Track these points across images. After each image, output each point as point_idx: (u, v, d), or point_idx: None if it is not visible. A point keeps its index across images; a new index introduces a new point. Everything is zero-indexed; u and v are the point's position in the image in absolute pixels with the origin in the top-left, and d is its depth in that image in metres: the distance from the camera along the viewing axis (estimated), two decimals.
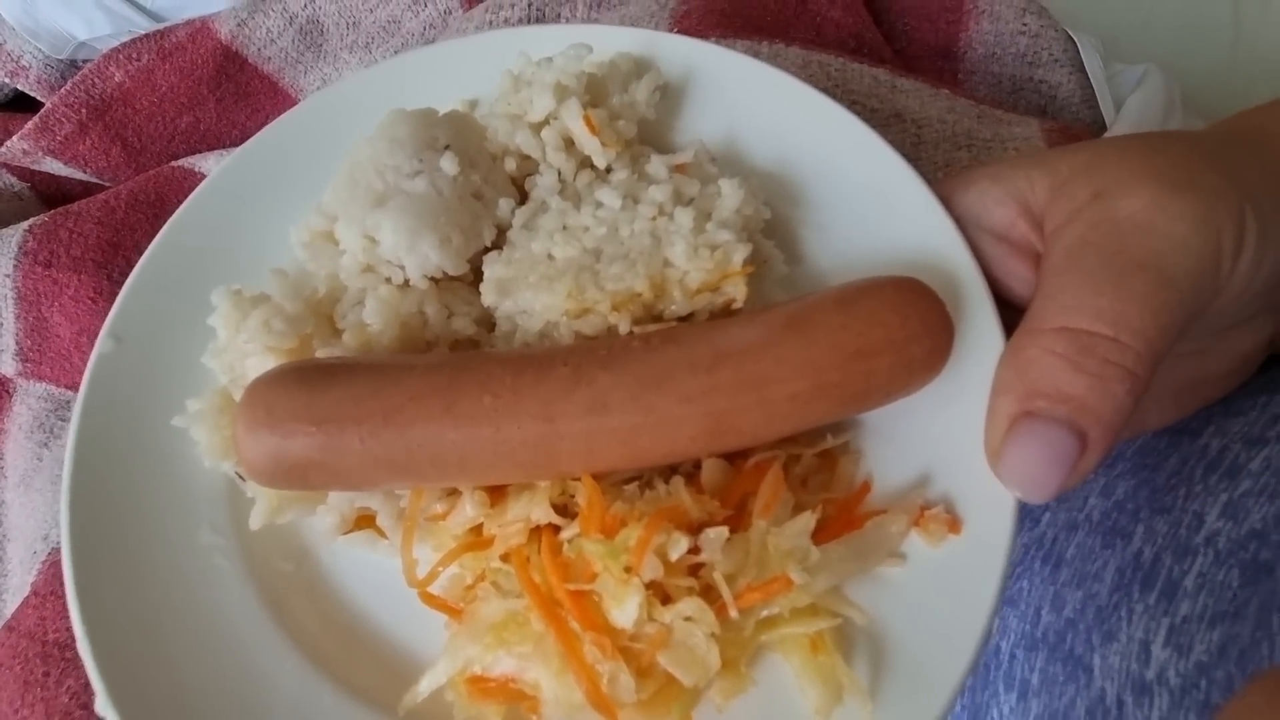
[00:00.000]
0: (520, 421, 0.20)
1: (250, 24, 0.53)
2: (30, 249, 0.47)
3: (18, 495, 0.45)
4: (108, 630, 0.21)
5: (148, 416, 0.25)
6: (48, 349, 0.48)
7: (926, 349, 0.22)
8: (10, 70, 0.56)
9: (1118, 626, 0.19)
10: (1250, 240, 0.20)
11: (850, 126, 0.26)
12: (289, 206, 0.28)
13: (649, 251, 0.24)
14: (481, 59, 0.30)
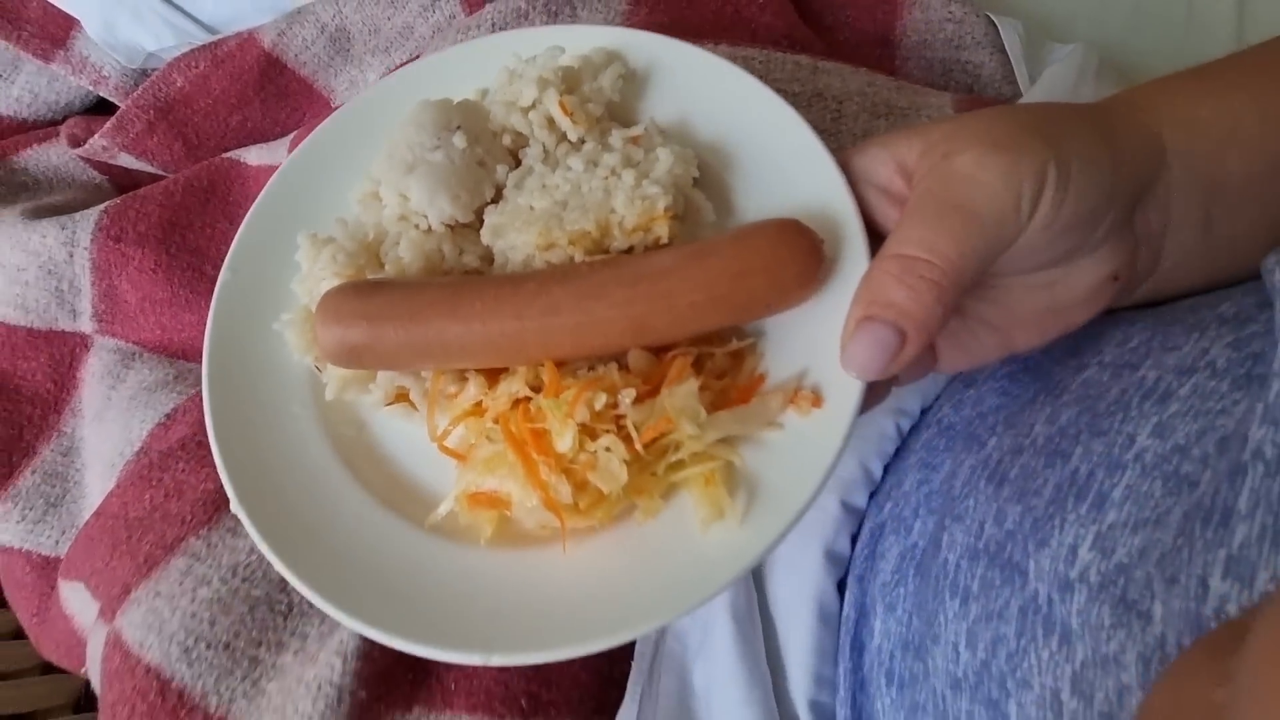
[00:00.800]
0: (500, 320, 0.27)
1: (288, 34, 0.60)
2: (105, 226, 0.55)
3: (93, 430, 0.54)
4: (234, 462, 0.30)
5: (255, 325, 0.33)
6: (117, 311, 0.56)
7: (795, 271, 0.28)
8: (93, 79, 0.65)
9: (1050, 534, 0.21)
10: (1049, 191, 0.23)
11: (776, 106, 0.32)
12: (348, 174, 0.36)
13: (600, 203, 0.31)
14: (488, 58, 0.36)
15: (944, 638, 0.23)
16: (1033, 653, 0.20)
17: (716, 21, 0.46)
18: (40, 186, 0.67)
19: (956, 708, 0.22)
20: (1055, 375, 0.26)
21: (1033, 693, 0.19)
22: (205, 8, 0.64)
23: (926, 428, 0.31)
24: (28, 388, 0.58)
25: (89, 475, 0.54)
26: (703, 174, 0.33)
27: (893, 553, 0.28)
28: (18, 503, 0.54)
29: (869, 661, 0.27)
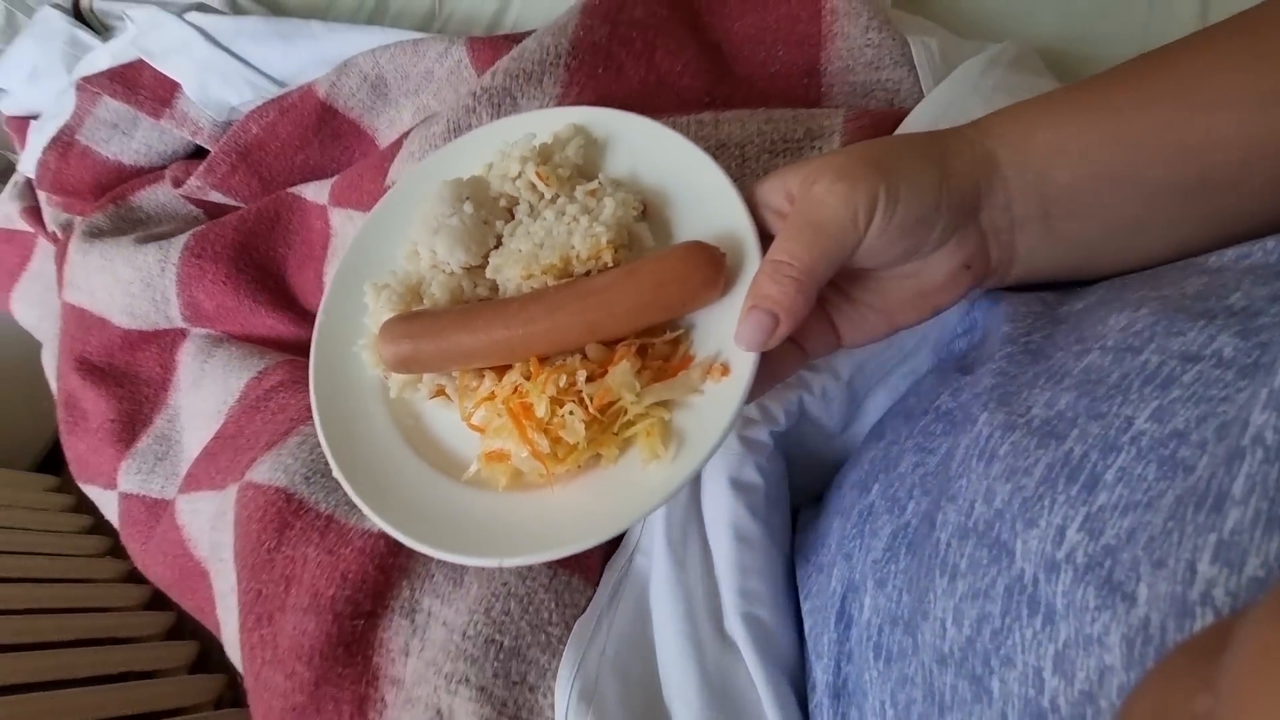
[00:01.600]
0: (497, 331, 0.35)
1: (338, 84, 0.71)
2: (190, 246, 0.68)
3: (189, 397, 0.67)
4: (333, 443, 0.39)
5: (342, 349, 0.43)
6: (199, 315, 0.69)
7: (700, 278, 0.34)
8: (192, 131, 0.79)
9: (1039, 514, 0.21)
10: (879, 208, 0.28)
11: (699, 156, 0.38)
12: (397, 239, 0.45)
13: (564, 241, 0.38)
14: (488, 142, 0.45)
15: (933, 614, 0.23)
16: (1017, 631, 0.20)
17: (642, 91, 0.52)
18: (151, 220, 0.81)
19: (942, 681, 0.22)
20: (1058, 359, 0.26)
21: (1015, 670, 0.19)
22: (275, 66, 0.76)
23: (924, 414, 0.32)
24: (144, 374, 0.73)
25: (186, 434, 0.67)
26: (648, 211, 0.40)
27: (885, 531, 0.29)
28: (136, 459, 0.68)
29: (856, 635, 0.28)
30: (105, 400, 0.71)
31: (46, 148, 0.82)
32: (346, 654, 0.41)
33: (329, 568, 0.42)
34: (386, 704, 0.40)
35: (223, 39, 0.75)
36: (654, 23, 0.54)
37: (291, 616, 0.42)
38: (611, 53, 0.53)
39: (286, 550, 0.45)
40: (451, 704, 0.36)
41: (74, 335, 0.76)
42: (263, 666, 0.43)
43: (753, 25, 0.54)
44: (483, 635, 0.37)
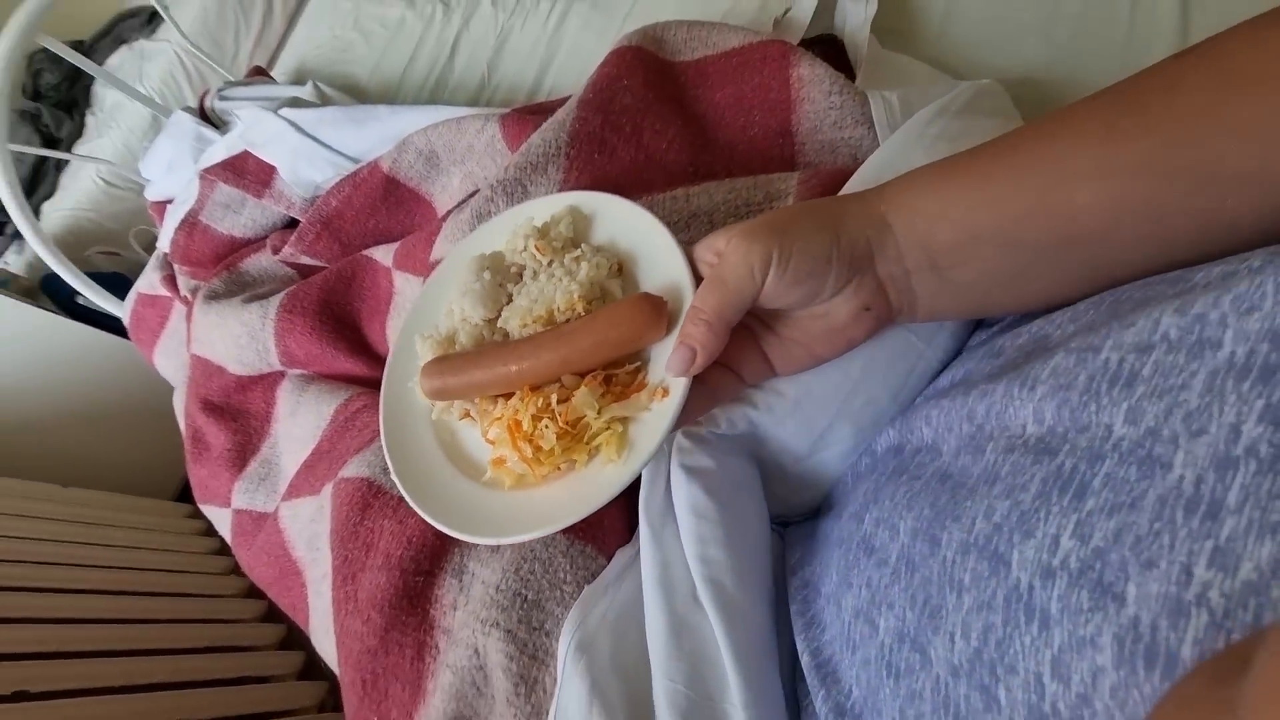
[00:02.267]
0: (499, 366, 0.44)
1: (399, 158, 0.82)
2: (283, 304, 0.80)
3: (286, 426, 0.79)
4: (394, 455, 0.48)
5: (401, 384, 0.52)
6: (292, 361, 0.82)
7: (644, 322, 0.41)
8: (286, 206, 0.94)
9: (1036, 526, 0.22)
10: (772, 266, 0.34)
11: (659, 227, 0.46)
12: (440, 303, 0.54)
13: (550, 298, 0.46)
14: (507, 223, 0.54)
15: (944, 628, 0.24)
16: (1017, 639, 0.21)
17: (632, 170, 0.60)
18: (256, 282, 0.96)
19: (957, 693, 0.23)
20: (1025, 369, 0.27)
21: (1019, 678, 0.20)
22: (349, 146, 0.89)
23: (918, 451, 0.35)
24: (252, 410, 0.86)
25: (284, 457, 0.80)
26: (623, 269, 0.48)
27: (891, 555, 0.30)
28: (246, 481, 0.82)
29: (869, 656, 0.29)
30: (224, 433, 0.86)
31: (177, 228, 0.99)
32: (410, 605, 0.50)
33: (399, 535, 0.52)
34: (439, 649, 0.48)
35: (308, 128, 0.90)
36: (641, 106, 0.61)
37: (369, 575, 0.52)
38: (604, 139, 0.61)
39: (368, 523, 0.55)
40: (485, 644, 0.44)
41: (199, 381, 0.92)
42: (346, 617, 0.53)
43: (731, 94, 0.60)
44: (511, 589, 0.45)
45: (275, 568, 0.70)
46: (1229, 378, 0.19)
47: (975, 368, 0.36)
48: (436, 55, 1.12)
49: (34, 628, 1.05)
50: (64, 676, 1.00)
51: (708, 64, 0.63)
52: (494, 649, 0.44)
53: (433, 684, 0.48)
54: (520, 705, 0.42)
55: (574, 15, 0.97)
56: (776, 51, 0.59)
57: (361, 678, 0.50)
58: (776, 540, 0.44)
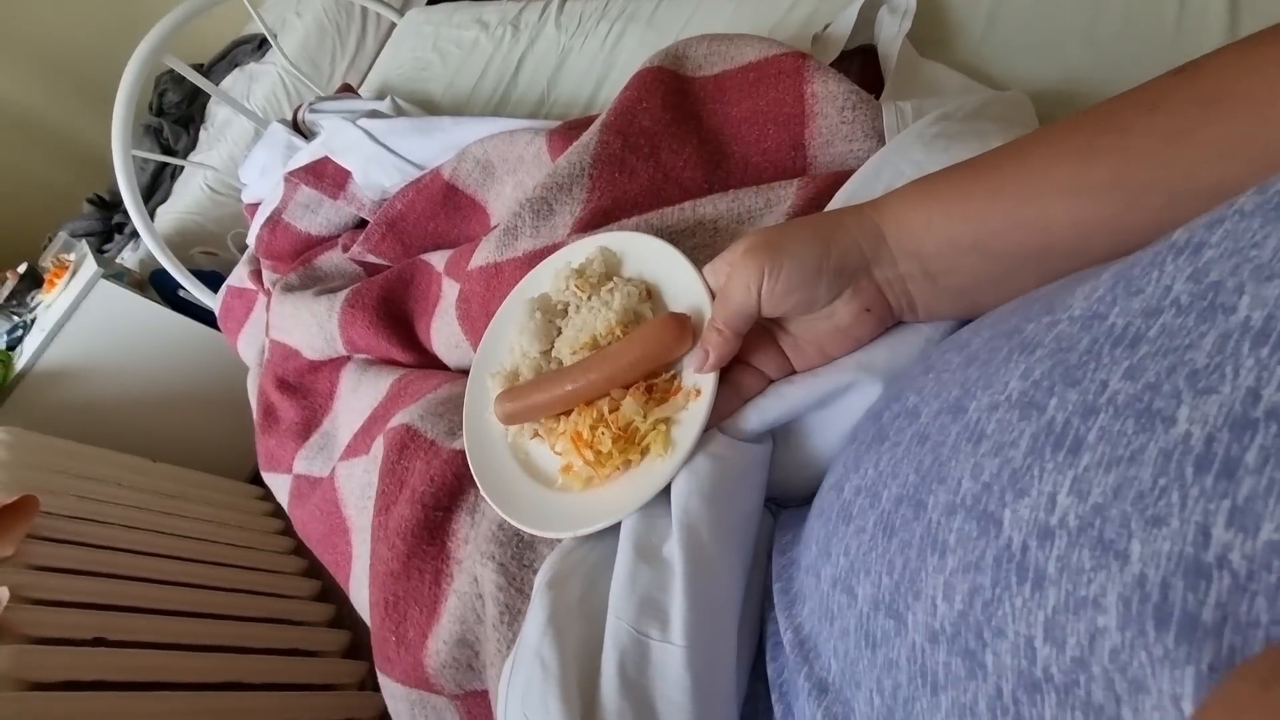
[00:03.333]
0: (555, 390, 0.49)
1: (458, 167, 0.88)
2: (348, 298, 0.88)
3: (347, 401, 0.86)
4: (478, 467, 0.54)
5: (480, 412, 0.58)
6: (354, 346, 0.89)
7: (671, 338, 0.45)
8: (358, 208, 1.02)
9: (1029, 484, 0.21)
10: (765, 280, 0.37)
11: (680, 258, 0.51)
12: (504, 340, 0.60)
13: (592, 326, 0.52)
14: (554, 265, 0.59)
15: (924, 593, 0.23)
16: (1007, 601, 0.20)
17: (651, 188, 0.63)
18: (328, 277, 1.05)
19: (934, 660, 0.22)
20: (1029, 332, 0.27)
21: (1007, 641, 0.19)
22: (416, 154, 0.97)
23: (896, 416, 0.34)
24: (319, 389, 0.94)
25: (341, 430, 0.87)
26: (652, 294, 0.53)
27: (868, 523, 0.29)
28: (307, 450, 0.89)
29: (848, 626, 0.28)
30: (294, 409, 0.94)
31: (262, 225, 1.09)
32: (429, 536, 0.55)
33: (425, 474, 0.58)
34: (453, 577, 0.53)
35: (381, 136, 0.98)
36: (658, 128, 0.65)
37: (399, 508, 0.58)
38: (624, 160, 0.65)
39: (404, 463, 0.61)
40: (482, 573, 0.49)
41: (277, 363, 1.00)
42: (377, 543, 0.59)
43: (748, 109, 0.63)
44: (512, 529, 0.50)
45: (325, 524, 0.76)
46: (1244, 341, 0.18)
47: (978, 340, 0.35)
48: (503, 73, 1.20)
49: (116, 583, 1.16)
50: (137, 629, 1.10)
51: (725, 79, 0.66)
52: (488, 578, 0.48)
53: (444, 607, 0.52)
54: (503, 631, 0.46)
55: (629, 35, 1.02)
56: (791, 66, 0.61)
57: (385, 598, 0.55)
58: (769, 522, 0.45)
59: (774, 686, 0.34)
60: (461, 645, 0.50)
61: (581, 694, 0.36)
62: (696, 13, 0.96)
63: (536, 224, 0.68)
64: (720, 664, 0.35)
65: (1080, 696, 0.17)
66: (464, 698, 0.52)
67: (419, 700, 0.53)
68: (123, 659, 1.02)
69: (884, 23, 0.66)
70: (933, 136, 0.46)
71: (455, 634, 0.50)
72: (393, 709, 0.55)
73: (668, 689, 0.34)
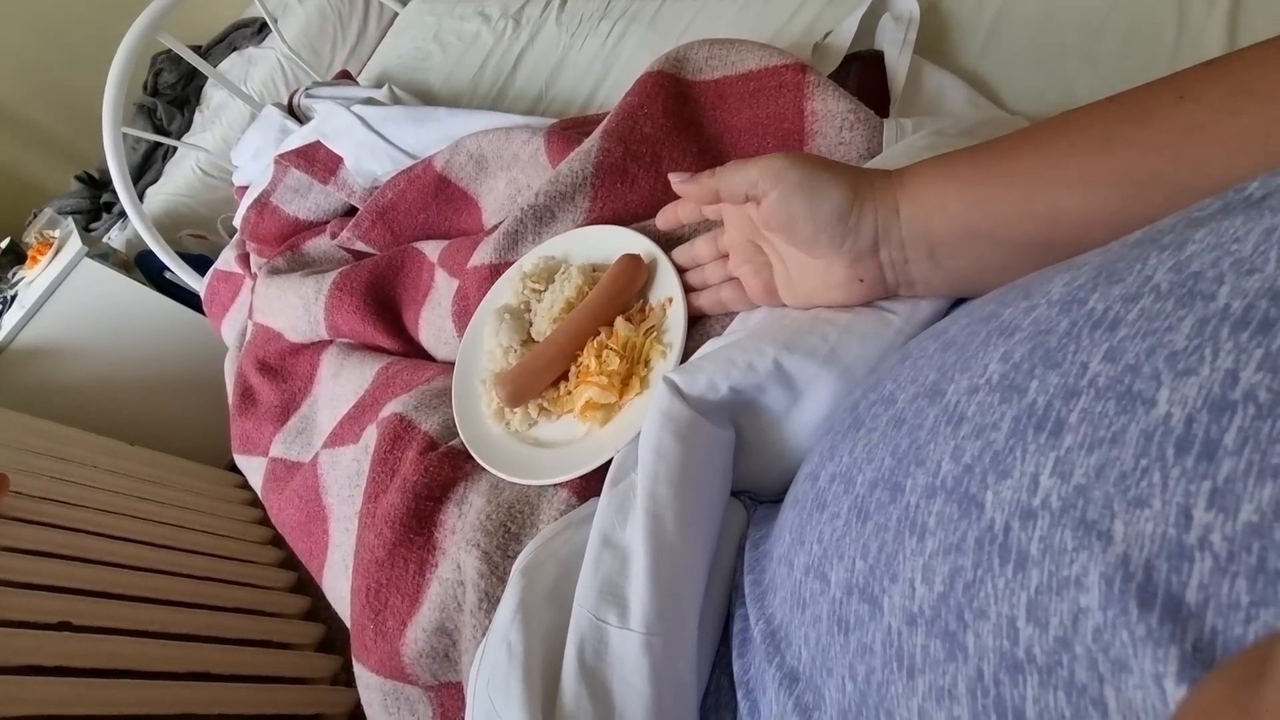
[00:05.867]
0: (549, 350, 0.55)
1: (451, 159, 0.87)
2: (336, 281, 0.86)
3: (328, 387, 0.85)
4: (494, 465, 0.55)
5: (475, 428, 0.59)
6: (338, 330, 0.87)
7: (635, 269, 0.54)
8: (348, 194, 1.01)
9: (1011, 466, 0.21)
10: (789, 190, 0.38)
11: (607, 230, 0.60)
12: (477, 357, 0.64)
13: (564, 294, 0.57)
14: (505, 281, 0.66)
15: (902, 575, 0.23)
16: (989, 582, 0.20)
17: (651, 197, 0.64)
18: (315, 262, 1.03)
19: (912, 643, 0.22)
20: (1005, 317, 0.26)
21: (989, 622, 0.19)
22: (409, 143, 0.96)
23: (873, 403, 0.33)
24: (299, 372, 0.93)
25: (321, 414, 0.86)
26: (598, 270, 0.59)
27: (843, 508, 0.29)
28: (285, 434, 0.88)
29: (819, 613, 0.28)
30: (273, 391, 0.93)
31: (250, 206, 1.08)
32: (417, 524, 0.55)
33: (419, 464, 0.58)
34: (436, 566, 0.53)
35: (374, 124, 0.97)
36: (660, 135, 0.64)
37: (388, 496, 0.58)
38: (626, 169, 0.65)
39: (396, 452, 0.62)
40: (465, 560, 0.49)
41: (258, 345, 0.99)
42: (364, 530, 0.59)
43: (748, 120, 0.63)
44: (498, 520, 0.50)
45: (303, 512, 0.75)
46: (1223, 326, 0.18)
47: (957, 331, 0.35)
48: (502, 67, 1.19)
49: (85, 567, 1.13)
50: (105, 615, 1.07)
51: (726, 85, 0.66)
52: (470, 565, 0.48)
53: (425, 596, 0.52)
54: (480, 618, 0.46)
55: (631, 36, 1.02)
56: (792, 80, 0.60)
57: (367, 585, 0.54)
58: (742, 517, 0.44)
59: (740, 684, 0.34)
60: (440, 634, 0.49)
61: (545, 680, 0.36)
62: (699, 16, 0.95)
63: (539, 230, 0.68)
64: (680, 652, 0.35)
65: (1063, 676, 0.17)
66: (438, 689, 0.52)
67: (393, 691, 0.52)
68: (88, 645, 1.00)
69: (886, 30, 0.66)
70: (921, 149, 0.46)
71: (435, 622, 0.50)
72: (366, 700, 0.54)
73: (626, 673, 0.34)
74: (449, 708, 0.52)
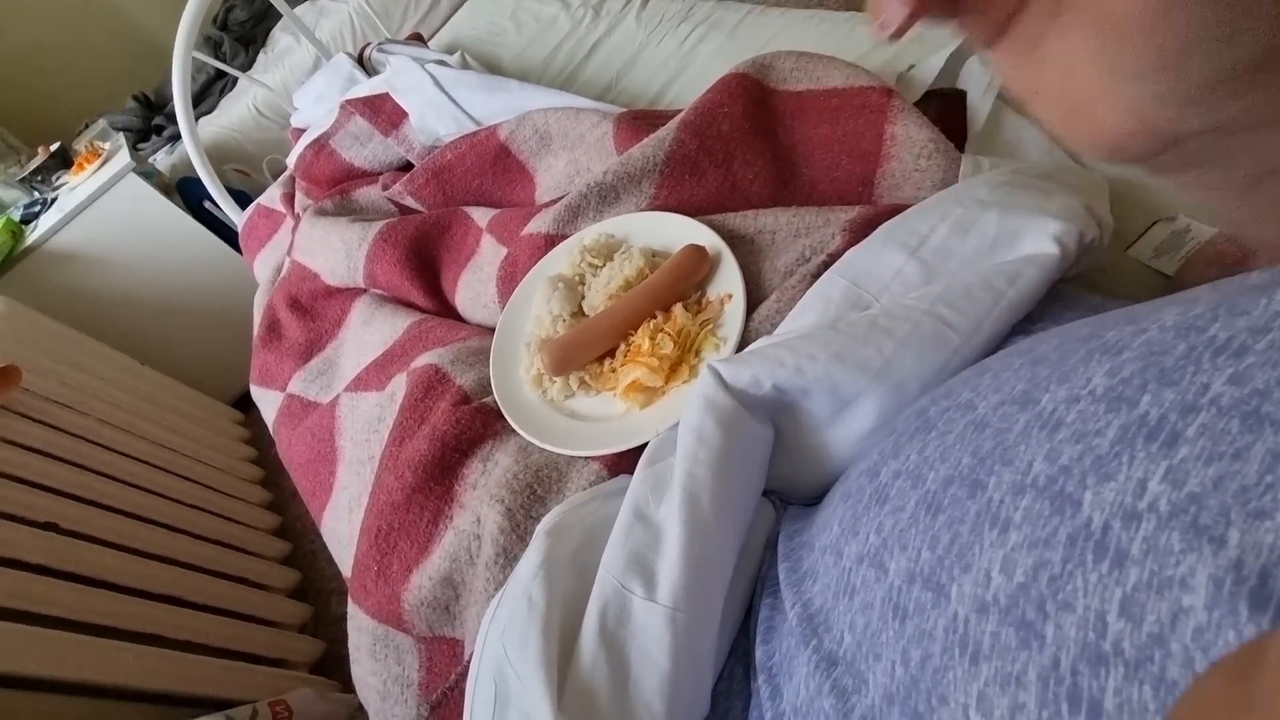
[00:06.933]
0: (602, 324, 0.56)
1: (516, 130, 0.88)
2: (381, 231, 0.87)
3: (356, 334, 0.86)
4: (527, 430, 0.56)
5: (512, 396, 0.59)
6: (374, 280, 0.88)
7: (700, 259, 0.54)
8: (407, 149, 1.02)
9: (1116, 469, 0.21)
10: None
11: (672, 217, 0.62)
12: (521, 324, 0.65)
13: (624, 272, 0.57)
14: (562, 250, 0.67)
15: (977, 565, 0.23)
16: (1079, 576, 0.20)
17: (718, 195, 0.64)
18: (362, 211, 1.04)
19: (979, 630, 0.22)
20: (1109, 338, 0.26)
21: (1075, 614, 0.19)
22: (477, 108, 0.97)
23: (947, 409, 0.32)
24: (330, 315, 0.93)
25: (344, 359, 0.86)
26: (657, 255, 0.60)
27: (909, 502, 0.29)
28: (306, 372, 0.88)
29: (871, 599, 0.28)
30: (301, 329, 0.93)
31: (308, 146, 1.09)
32: (439, 473, 0.55)
33: (451, 415, 0.58)
34: (452, 519, 0.53)
35: (445, 84, 0.98)
36: (736, 135, 0.65)
37: (414, 442, 0.58)
38: (697, 162, 0.65)
39: (427, 401, 0.63)
40: (487, 513, 0.49)
41: (293, 282, 0.99)
42: (384, 472, 0.59)
43: (826, 135, 0.63)
44: (525, 481, 0.50)
45: (313, 450, 0.75)
46: None
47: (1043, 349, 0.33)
48: (575, 53, 1.20)
49: (80, 473, 1.13)
50: (91, 523, 1.07)
51: (807, 99, 0.66)
52: (491, 519, 0.48)
53: (436, 545, 0.52)
54: (495, 573, 0.46)
55: (709, 41, 1.03)
56: (877, 103, 0.60)
57: (378, 526, 0.54)
58: (770, 514, 0.44)
59: (761, 669, 0.34)
60: (446, 584, 0.49)
61: (562, 638, 0.36)
62: (781, 33, 0.96)
63: (600, 208, 0.68)
64: (703, 631, 0.35)
65: (1153, 672, 0.17)
66: (430, 642, 0.51)
67: (384, 636, 0.51)
68: (71, 550, 1.00)
69: (972, 73, 0.67)
70: (1001, 183, 0.46)
71: (443, 571, 0.49)
72: (354, 641, 0.53)
73: (646, 644, 0.34)
74: (436, 662, 0.51)
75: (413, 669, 0.51)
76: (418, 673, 0.51)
